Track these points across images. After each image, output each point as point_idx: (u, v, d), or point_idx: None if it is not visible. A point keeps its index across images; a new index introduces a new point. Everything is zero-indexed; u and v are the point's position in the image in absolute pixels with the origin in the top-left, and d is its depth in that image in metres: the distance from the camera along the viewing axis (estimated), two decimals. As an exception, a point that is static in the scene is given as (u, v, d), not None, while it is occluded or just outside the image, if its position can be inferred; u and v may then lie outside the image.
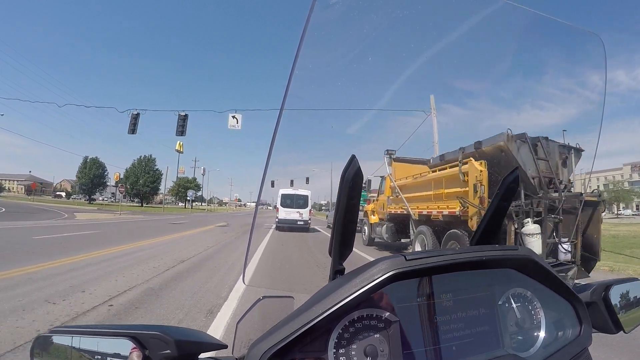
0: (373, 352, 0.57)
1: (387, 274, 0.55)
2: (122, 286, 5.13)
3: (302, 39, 0.59)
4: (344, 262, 0.64)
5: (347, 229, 0.60)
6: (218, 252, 9.35)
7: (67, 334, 0.60)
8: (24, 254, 7.37)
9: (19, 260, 6.65)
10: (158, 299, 4.54)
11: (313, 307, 0.54)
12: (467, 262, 0.62)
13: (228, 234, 15.58)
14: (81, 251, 8.11)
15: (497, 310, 0.68)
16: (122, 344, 0.56)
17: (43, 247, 8.62)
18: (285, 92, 0.60)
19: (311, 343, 0.55)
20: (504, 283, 0.70)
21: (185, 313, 4.04)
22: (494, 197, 0.72)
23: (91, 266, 6.52)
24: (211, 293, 4.98)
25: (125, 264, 6.90)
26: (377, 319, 0.58)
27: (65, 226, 15.64)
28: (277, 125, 0.63)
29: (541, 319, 0.71)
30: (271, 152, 0.63)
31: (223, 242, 12.00)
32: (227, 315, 3.98)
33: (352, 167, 0.56)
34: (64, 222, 18.10)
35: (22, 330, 3.28)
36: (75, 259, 7.18)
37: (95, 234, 12.84)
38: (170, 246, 10.26)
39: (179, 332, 0.59)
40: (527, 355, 0.67)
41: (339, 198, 0.59)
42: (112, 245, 9.45)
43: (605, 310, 0.76)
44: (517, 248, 0.68)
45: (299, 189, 18.74)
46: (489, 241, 0.73)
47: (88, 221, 19.92)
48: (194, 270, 6.70)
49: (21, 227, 13.98)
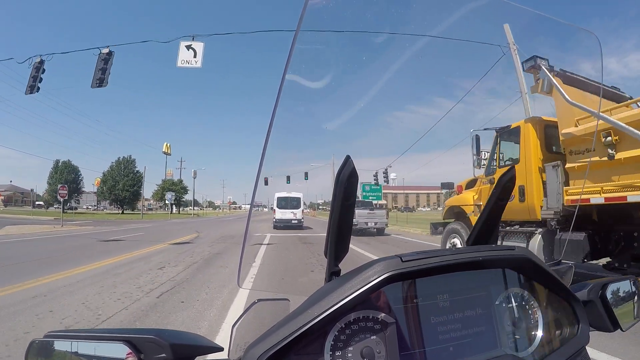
0: (370, 354, 0.56)
1: (383, 276, 0.55)
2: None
3: (297, 28, 0.58)
4: (339, 263, 0.64)
5: (342, 230, 0.60)
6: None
7: (62, 339, 0.60)
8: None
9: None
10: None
11: (309, 309, 0.54)
12: (464, 263, 0.62)
13: (176, 267, 7.66)
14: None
15: (494, 311, 0.68)
16: (118, 348, 0.56)
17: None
18: (280, 86, 0.59)
19: (307, 345, 0.55)
20: (501, 283, 0.70)
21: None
22: (490, 196, 0.72)
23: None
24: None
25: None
26: (373, 321, 0.58)
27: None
28: (272, 120, 0.62)
29: (538, 319, 0.71)
30: (265, 149, 0.62)
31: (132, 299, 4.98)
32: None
33: (346, 168, 0.56)
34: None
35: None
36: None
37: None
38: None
39: (174, 336, 0.59)
40: (524, 354, 0.67)
41: (333, 199, 0.58)
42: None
43: (603, 309, 0.76)
44: (513, 248, 0.69)
45: (292, 192, 20.87)
46: (486, 241, 0.73)
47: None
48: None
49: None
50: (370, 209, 17.14)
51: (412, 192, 23.35)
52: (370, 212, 16.75)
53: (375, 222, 16.62)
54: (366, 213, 16.43)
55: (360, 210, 16.15)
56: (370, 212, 16.75)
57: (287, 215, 20.05)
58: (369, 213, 16.57)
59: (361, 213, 16.08)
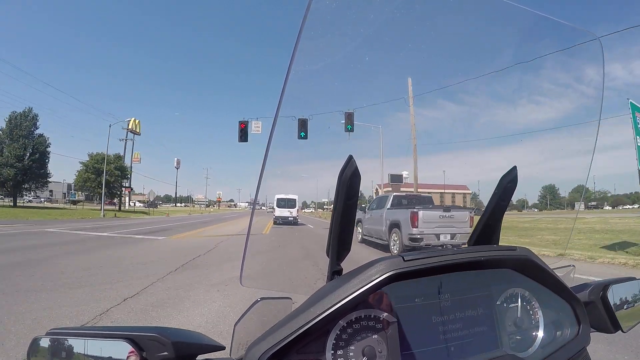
0: (371, 353, 0.57)
1: (385, 275, 0.55)
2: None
3: (298, 38, 0.59)
4: (341, 262, 0.64)
5: (344, 229, 0.60)
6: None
7: (64, 336, 0.60)
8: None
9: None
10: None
11: (311, 308, 0.54)
12: (466, 263, 0.62)
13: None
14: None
15: (495, 311, 0.68)
16: (120, 345, 0.56)
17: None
18: (282, 92, 0.60)
19: (309, 344, 0.55)
20: (502, 283, 0.70)
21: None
22: (491, 196, 0.72)
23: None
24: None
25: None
26: (375, 320, 0.58)
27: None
28: (274, 125, 0.63)
29: (539, 319, 0.71)
30: (268, 152, 0.63)
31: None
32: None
33: (349, 168, 0.56)
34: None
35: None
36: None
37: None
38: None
39: (176, 334, 0.59)
40: (525, 355, 0.67)
41: (336, 199, 0.58)
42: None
43: (604, 310, 0.76)
44: (515, 248, 0.69)
45: (289, 194, 23.15)
46: (487, 241, 0.73)
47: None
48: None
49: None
50: (445, 209, 9.00)
51: (436, 191, 19.59)
52: (445, 215, 8.89)
53: (452, 232, 8.82)
54: (437, 217, 8.77)
55: (429, 211, 8.87)
56: (445, 215, 8.89)
57: (285, 214, 24.16)
58: (442, 217, 8.84)
59: (428, 216, 8.70)
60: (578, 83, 1.54)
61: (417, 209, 8.72)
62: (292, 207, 24.55)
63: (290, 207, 24.40)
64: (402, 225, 9.08)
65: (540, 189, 75.68)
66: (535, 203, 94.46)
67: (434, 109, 5.02)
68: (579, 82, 1.55)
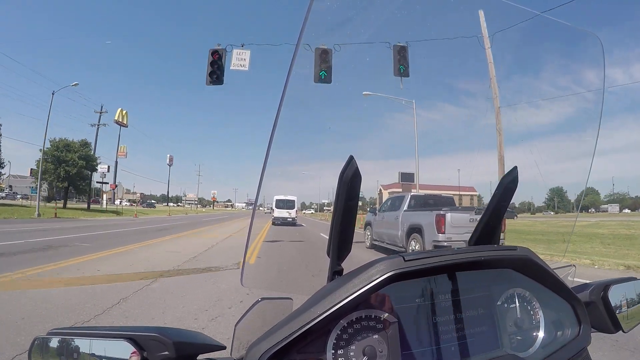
0: (372, 353, 0.57)
1: (386, 275, 0.55)
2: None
3: (300, 36, 0.59)
4: (342, 263, 0.64)
5: (345, 229, 0.60)
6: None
7: (65, 336, 0.60)
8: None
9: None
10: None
11: (312, 308, 0.54)
12: (466, 263, 0.62)
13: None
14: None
15: (496, 311, 0.68)
16: (121, 345, 0.56)
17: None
18: (283, 92, 0.60)
19: (310, 344, 0.55)
20: (502, 283, 0.70)
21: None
22: (492, 197, 0.72)
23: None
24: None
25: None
26: (375, 320, 0.58)
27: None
28: (275, 126, 0.63)
29: (540, 319, 0.71)
30: (269, 153, 0.63)
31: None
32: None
33: (350, 168, 0.56)
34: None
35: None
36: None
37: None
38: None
39: (177, 334, 0.59)
40: (526, 355, 0.67)
41: (336, 199, 0.58)
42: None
43: (604, 310, 0.76)
44: (515, 248, 0.68)
45: (288, 195, 23.96)
46: (488, 241, 0.73)
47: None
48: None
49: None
50: (477, 212, 7.79)
51: (439, 192, 17.37)
52: (475, 219, 3.76)
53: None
54: (467, 220, 7.65)
55: (458, 213, 7.92)
56: (475, 219, 3.76)
57: (284, 214, 24.32)
58: (472, 221, 7.66)
59: (457, 219, 7.66)
60: (579, 85, 1.52)
61: (444, 211, 7.54)
62: (290, 208, 24.75)
63: (289, 208, 24.61)
64: (424, 230, 7.83)
65: (547, 191, 75.40)
66: (541, 205, 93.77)
67: (437, 111, 4.94)
68: (578, 85, 1.53)
